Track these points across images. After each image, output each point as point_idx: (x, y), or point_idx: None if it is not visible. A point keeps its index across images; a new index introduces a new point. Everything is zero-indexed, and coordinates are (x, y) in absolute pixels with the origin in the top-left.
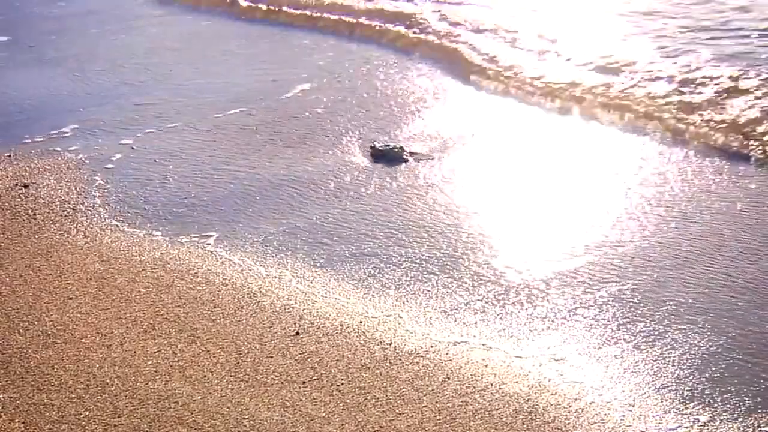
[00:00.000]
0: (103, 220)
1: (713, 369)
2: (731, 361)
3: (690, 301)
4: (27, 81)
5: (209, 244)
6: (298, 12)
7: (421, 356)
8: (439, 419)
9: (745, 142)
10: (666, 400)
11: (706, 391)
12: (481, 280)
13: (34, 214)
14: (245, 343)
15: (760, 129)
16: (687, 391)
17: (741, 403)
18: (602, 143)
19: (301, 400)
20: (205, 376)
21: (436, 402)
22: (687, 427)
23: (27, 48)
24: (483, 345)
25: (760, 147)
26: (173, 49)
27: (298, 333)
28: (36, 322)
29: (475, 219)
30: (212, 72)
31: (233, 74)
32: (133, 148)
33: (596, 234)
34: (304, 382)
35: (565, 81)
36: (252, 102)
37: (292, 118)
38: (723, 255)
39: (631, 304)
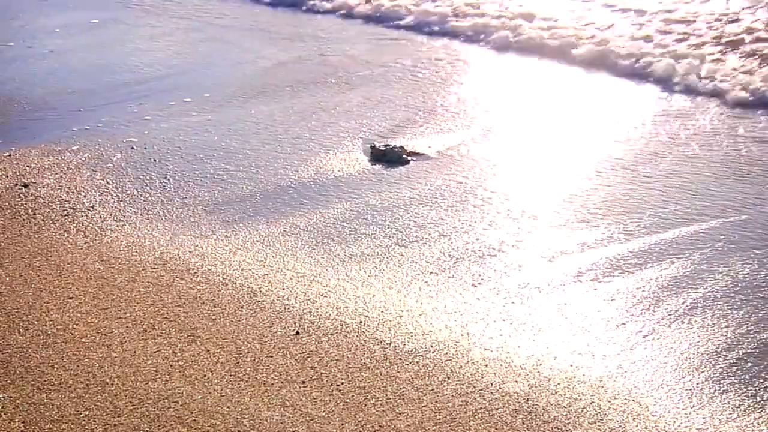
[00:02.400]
0: (103, 220)
1: (713, 369)
2: (731, 361)
3: (689, 300)
4: (27, 80)
5: (209, 244)
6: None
7: (421, 356)
8: (439, 419)
9: None
10: (665, 400)
11: (706, 391)
12: (481, 279)
13: (34, 214)
14: (245, 343)
15: None
16: (686, 390)
17: (741, 403)
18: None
19: (301, 399)
20: (205, 375)
21: (436, 402)
22: (687, 427)
23: (26, 47)
24: (483, 345)
25: None
26: (172, 50)
27: (298, 333)
28: (36, 322)
29: (475, 219)
30: (212, 72)
31: (233, 75)
32: (133, 147)
33: (595, 234)
34: (304, 382)
35: None
36: (252, 102)
37: (292, 118)
38: (722, 254)
39: (630, 303)
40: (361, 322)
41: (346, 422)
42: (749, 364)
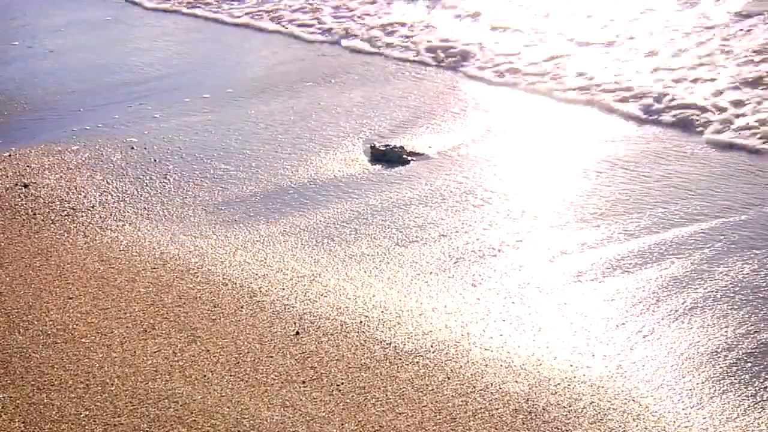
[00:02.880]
0: (103, 219)
1: (713, 369)
2: (731, 361)
3: (689, 300)
4: (27, 80)
5: (209, 244)
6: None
7: (421, 356)
8: (439, 419)
9: None
10: (665, 400)
11: (706, 391)
12: (481, 279)
13: (34, 214)
14: (245, 343)
15: None
16: (686, 390)
17: (741, 403)
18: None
19: (301, 399)
20: (205, 375)
21: (436, 402)
22: (687, 427)
23: (26, 47)
24: (483, 345)
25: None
26: (172, 50)
27: (298, 333)
28: (36, 322)
29: (475, 219)
30: (212, 72)
31: (233, 75)
32: (133, 148)
33: (595, 234)
34: (304, 382)
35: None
36: (252, 102)
37: (292, 118)
38: (722, 254)
39: (630, 303)
40: (361, 322)
41: (346, 422)
42: (749, 364)
